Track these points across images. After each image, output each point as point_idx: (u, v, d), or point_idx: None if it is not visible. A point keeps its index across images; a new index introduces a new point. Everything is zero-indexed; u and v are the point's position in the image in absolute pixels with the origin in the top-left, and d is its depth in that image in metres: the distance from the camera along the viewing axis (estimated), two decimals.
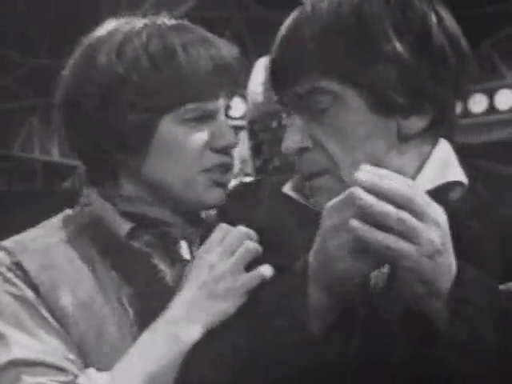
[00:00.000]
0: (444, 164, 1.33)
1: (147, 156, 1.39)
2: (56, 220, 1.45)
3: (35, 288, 1.32)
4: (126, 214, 1.42)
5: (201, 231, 1.42)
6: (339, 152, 1.27)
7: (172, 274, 1.40)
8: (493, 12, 6.68)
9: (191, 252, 1.42)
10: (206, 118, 1.39)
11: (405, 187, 1.07)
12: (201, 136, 1.39)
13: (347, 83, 1.25)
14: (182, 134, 1.38)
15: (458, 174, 1.34)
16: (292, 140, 1.29)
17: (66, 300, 1.33)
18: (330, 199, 1.21)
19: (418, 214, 1.05)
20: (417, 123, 1.27)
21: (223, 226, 1.32)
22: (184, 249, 1.42)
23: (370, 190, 1.07)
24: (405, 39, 1.25)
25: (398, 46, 1.23)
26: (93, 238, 1.40)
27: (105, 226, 1.41)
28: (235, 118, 1.47)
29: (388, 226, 1.05)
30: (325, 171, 1.29)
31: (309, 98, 1.27)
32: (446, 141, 1.36)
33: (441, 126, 1.30)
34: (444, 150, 1.34)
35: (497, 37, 6.85)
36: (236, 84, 1.45)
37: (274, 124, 2.83)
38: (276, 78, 1.32)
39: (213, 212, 1.48)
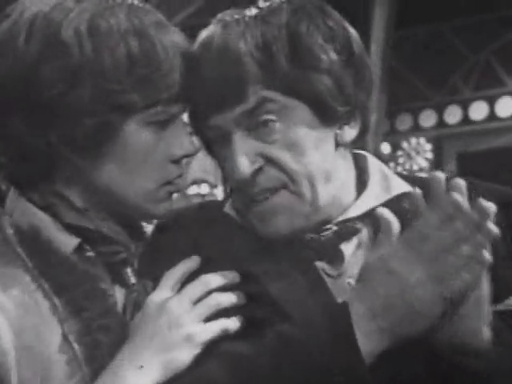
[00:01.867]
0: (383, 177, 1.33)
1: (102, 159, 1.24)
2: None
3: None
4: (68, 227, 1.25)
5: (142, 250, 1.32)
6: (295, 167, 1.25)
7: (120, 299, 1.29)
8: (494, 19, 6.66)
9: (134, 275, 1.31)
10: (166, 122, 1.28)
11: None
12: (163, 144, 1.28)
13: (292, 96, 1.22)
14: (146, 139, 1.25)
15: (402, 185, 1.34)
16: (243, 165, 1.25)
17: (6, 343, 1.15)
18: (288, 220, 1.21)
19: None
20: (350, 133, 1.28)
21: (181, 268, 1.25)
22: (130, 271, 1.31)
23: None
24: (334, 49, 1.24)
25: (332, 55, 1.23)
26: (26, 255, 1.21)
27: (41, 241, 1.23)
28: None
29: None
30: (281, 186, 1.26)
31: (256, 115, 1.23)
32: (366, 152, 1.35)
33: (365, 136, 1.29)
34: (376, 163, 1.34)
35: (498, 44, 6.82)
36: None
37: None
38: (208, 104, 1.27)
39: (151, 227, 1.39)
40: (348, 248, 1.34)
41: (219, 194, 5.08)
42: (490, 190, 1.30)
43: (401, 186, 1.35)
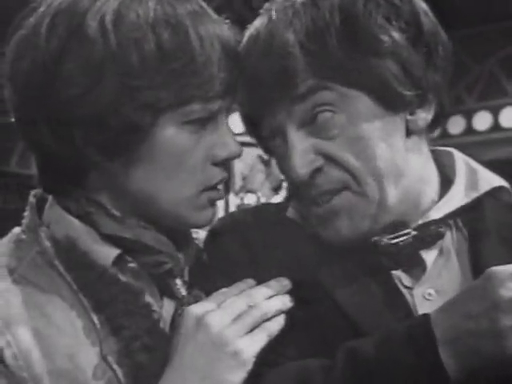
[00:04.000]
0: (471, 173, 1.23)
1: (136, 164, 1.15)
2: (4, 248, 1.16)
3: None
4: (106, 238, 1.16)
5: (193, 259, 1.22)
6: (358, 164, 1.15)
7: (169, 313, 1.20)
8: (497, 29, 6.62)
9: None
10: (207, 121, 1.17)
11: None
12: (203, 145, 1.17)
13: (351, 86, 1.14)
14: (182, 140, 1.14)
15: (492, 179, 1.25)
16: (301, 164, 1.15)
17: (39, 367, 1.08)
18: (352, 222, 1.11)
19: None
20: (423, 117, 1.18)
21: (233, 291, 1.16)
22: (179, 283, 1.22)
23: None
24: (397, 27, 1.15)
25: (395, 35, 1.14)
26: (64, 269, 1.14)
27: (78, 253, 1.15)
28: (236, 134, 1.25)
29: None
30: (343, 187, 1.17)
31: (309, 112, 1.15)
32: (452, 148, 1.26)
33: (442, 120, 1.20)
34: (464, 159, 1.24)
35: (501, 54, 6.79)
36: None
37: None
38: (259, 101, 1.18)
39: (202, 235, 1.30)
40: (429, 255, 1.23)
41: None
42: None
43: (490, 181, 1.25)
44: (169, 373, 1.10)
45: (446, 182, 1.26)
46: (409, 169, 1.19)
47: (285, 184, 2.75)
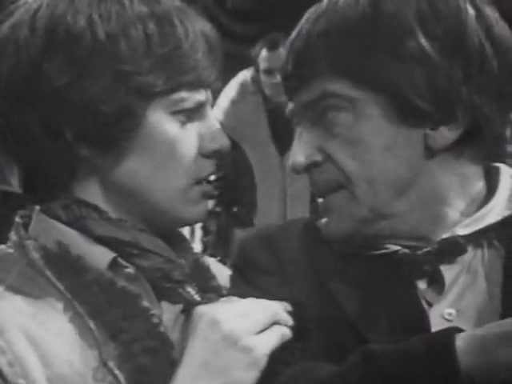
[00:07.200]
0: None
1: (127, 156, 1.14)
2: None
3: None
4: (100, 241, 1.14)
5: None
6: (353, 167, 1.11)
7: (170, 318, 1.17)
8: None
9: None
10: (195, 112, 1.17)
11: None
12: (193, 136, 1.17)
13: (364, 87, 1.09)
14: (173, 129, 1.15)
15: None
16: (299, 155, 1.13)
17: (37, 373, 1.06)
18: (340, 222, 1.05)
19: None
20: (447, 135, 1.11)
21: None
22: (191, 291, 1.19)
23: None
24: (432, 34, 1.08)
25: (424, 42, 1.07)
26: (57, 278, 1.12)
27: (71, 259, 1.13)
28: None
29: None
30: (340, 186, 1.12)
31: (317, 105, 1.11)
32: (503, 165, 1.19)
33: (479, 141, 1.12)
34: (510, 172, 1.17)
35: None
36: (221, 72, 1.21)
37: None
38: (287, 84, 1.18)
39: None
40: (449, 271, 1.16)
41: None
42: None
43: None
44: (180, 372, 1.08)
45: (488, 200, 1.19)
46: (422, 181, 1.14)
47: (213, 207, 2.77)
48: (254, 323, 1.09)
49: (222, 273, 1.27)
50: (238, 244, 1.30)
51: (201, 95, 1.16)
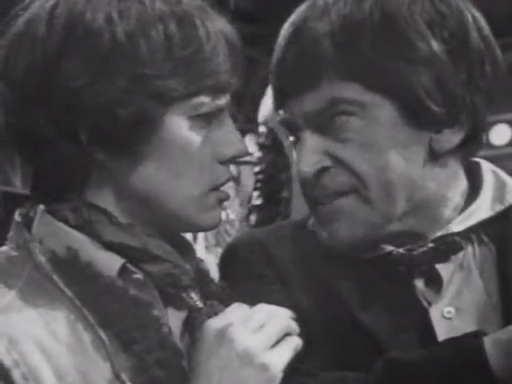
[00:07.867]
0: (499, 185, 1.16)
1: (143, 161, 1.11)
2: None
3: (6, 375, 1.01)
4: (108, 247, 1.11)
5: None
6: (368, 171, 1.10)
7: (177, 326, 1.15)
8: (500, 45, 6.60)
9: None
10: (213, 118, 1.14)
11: None
12: (210, 142, 1.13)
13: (375, 91, 1.08)
14: (191, 134, 1.11)
15: None
16: (308, 162, 1.12)
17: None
18: (350, 226, 1.05)
19: None
20: (451, 138, 1.11)
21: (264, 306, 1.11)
22: (195, 297, 1.16)
23: None
24: (440, 37, 1.08)
25: (435, 45, 1.06)
26: (64, 284, 1.08)
27: (80, 265, 1.09)
28: None
29: None
30: (351, 190, 1.11)
31: (325, 112, 1.10)
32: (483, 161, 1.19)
33: (474, 143, 1.13)
34: (492, 170, 1.17)
35: None
36: (242, 76, 1.16)
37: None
38: (281, 90, 1.15)
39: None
40: (445, 269, 1.17)
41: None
42: None
43: None
44: None
45: (473, 195, 1.20)
46: (427, 184, 1.15)
47: (254, 200, 2.74)
48: (267, 337, 1.07)
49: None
50: (226, 251, 1.28)
51: (220, 100, 1.13)
